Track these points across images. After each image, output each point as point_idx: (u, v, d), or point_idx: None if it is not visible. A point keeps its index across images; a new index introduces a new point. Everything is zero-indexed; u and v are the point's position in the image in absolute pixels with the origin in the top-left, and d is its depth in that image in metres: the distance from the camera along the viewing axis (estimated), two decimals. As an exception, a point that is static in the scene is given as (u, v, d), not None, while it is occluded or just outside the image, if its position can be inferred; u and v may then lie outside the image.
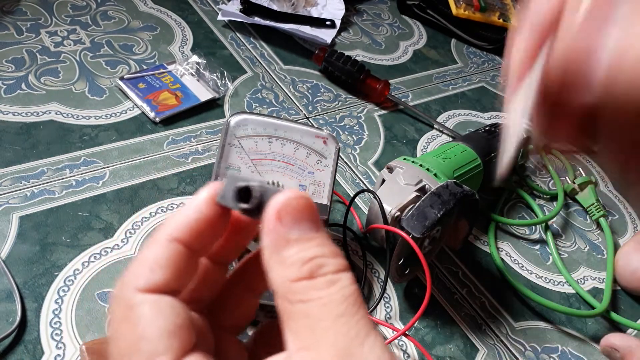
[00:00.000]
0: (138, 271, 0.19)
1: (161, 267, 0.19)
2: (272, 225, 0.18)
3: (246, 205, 0.19)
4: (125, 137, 0.62)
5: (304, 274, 0.17)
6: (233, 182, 0.20)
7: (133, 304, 0.18)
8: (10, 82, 0.64)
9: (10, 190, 0.53)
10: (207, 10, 0.86)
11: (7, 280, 0.46)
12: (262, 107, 0.72)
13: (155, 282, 0.19)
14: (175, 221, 0.20)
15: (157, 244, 0.19)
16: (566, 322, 0.58)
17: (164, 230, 0.20)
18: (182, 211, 0.20)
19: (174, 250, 0.19)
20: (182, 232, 0.19)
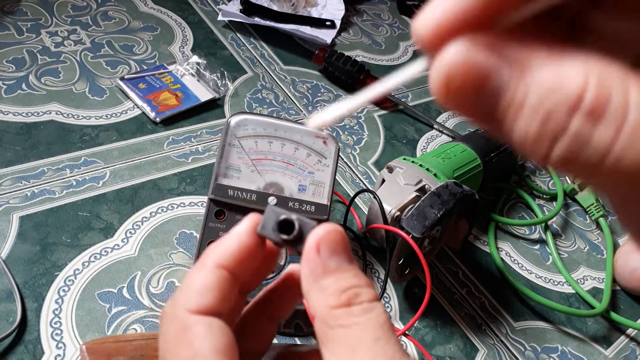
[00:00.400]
0: (189, 294, 0.21)
1: (210, 291, 0.21)
2: (312, 255, 0.20)
3: (287, 237, 0.21)
4: (126, 137, 0.62)
5: (343, 302, 0.19)
6: (274, 214, 0.22)
7: (188, 324, 0.20)
8: (11, 82, 0.64)
9: (10, 190, 0.53)
10: (208, 11, 0.86)
11: (8, 280, 0.46)
12: (262, 107, 0.72)
13: (205, 305, 0.20)
14: (221, 249, 0.22)
15: (205, 270, 0.21)
16: (566, 322, 0.58)
17: (211, 258, 0.21)
18: (225, 240, 0.22)
19: (220, 276, 0.21)
20: (227, 260, 0.21)
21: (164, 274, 0.51)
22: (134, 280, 0.49)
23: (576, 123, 0.12)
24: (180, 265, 0.52)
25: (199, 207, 0.57)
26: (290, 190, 0.49)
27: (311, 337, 0.49)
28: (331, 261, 0.20)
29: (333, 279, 0.20)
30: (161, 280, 0.50)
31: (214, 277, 0.21)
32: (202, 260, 0.22)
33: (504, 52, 0.13)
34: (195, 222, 0.56)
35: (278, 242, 0.22)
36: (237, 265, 0.21)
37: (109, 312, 0.47)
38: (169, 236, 0.54)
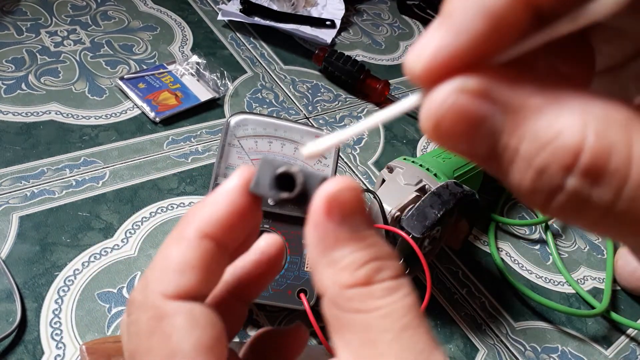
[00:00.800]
0: (165, 274, 0.16)
1: (192, 268, 0.16)
2: (320, 219, 0.15)
3: (288, 195, 0.17)
4: (125, 137, 0.62)
5: (360, 280, 0.15)
6: (269, 167, 0.17)
7: (164, 314, 0.16)
8: (10, 82, 0.64)
9: (10, 190, 0.53)
10: (207, 10, 0.86)
11: (7, 280, 0.46)
12: (262, 107, 0.72)
13: (185, 286, 0.16)
14: (205, 214, 0.17)
15: (185, 241, 0.17)
16: (566, 322, 0.58)
17: (192, 225, 0.17)
18: (210, 202, 0.17)
19: (204, 248, 0.17)
20: (213, 227, 0.17)
21: (163, 274, 0.51)
22: (134, 280, 0.49)
23: (572, 182, 0.11)
24: (180, 266, 0.52)
25: (198, 207, 0.57)
26: (290, 190, 0.49)
27: (311, 338, 0.49)
28: (345, 226, 0.15)
29: (347, 250, 0.15)
30: (161, 281, 0.50)
31: (197, 250, 0.17)
32: (181, 228, 0.17)
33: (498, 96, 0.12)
34: (195, 222, 0.55)
35: (276, 201, 0.17)
36: (226, 233, 0.17)
37: (109, 312, 0.47)
38: (169, 236, 0.54)
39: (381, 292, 0.15)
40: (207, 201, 0.17)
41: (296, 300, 0.47)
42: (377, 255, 0.15)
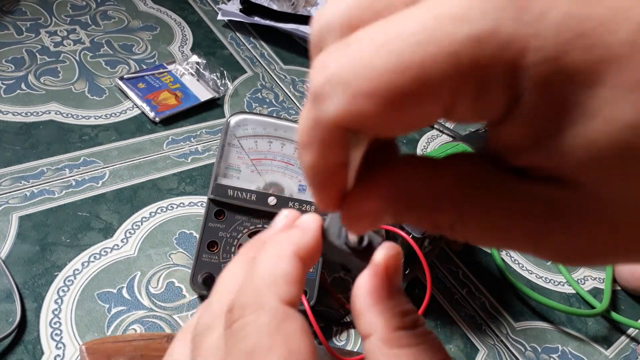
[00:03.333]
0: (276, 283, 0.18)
1: (296, 282, 0.19)
2: (381, 273, 0.19)
3: (358, 246, 0.21)
4: (125, 137, 0.62)
5: (407, 324, 0.19)
6: (339, 221, 0.21)
7: (286, 315, 0.18)
8: (10, 82, 0.64)
9: (10, 190, 0.53)
10: (207, 10, 0.86)
11: (7, 280, 0.46)
12: (262, 107, 0.72)
13: (293, 296, 0.18)
14: (297, 239, 0.20)
15: (288, 259, 0.19)
16: (566, 322, 0.58)
17: (289, 247, 0.20)
18: (299, 231, 0.20)
19: (300, 267, 0.19)
20: (304, 252, 0.20)
21: (163, 274, 0.51)
22: (134, 280, 0.49)
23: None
24: (179, 266, 0.52)
25: (198, 207, 0.57)
26: (290, 190, 0.49)
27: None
28: (395, 282, 0.20)
29: (397, 301, 0.19)
30: (161, 281, 0.50)
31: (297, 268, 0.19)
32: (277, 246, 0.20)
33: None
34: (194, 222, 0.55)
35: (339, 250, 0.21)
36: (309, 259, 0.20)
37: (109, 313, 0.47)
38: (169, 236, 0.54)
39: (422, 333, 0.19)
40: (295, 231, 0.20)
41: (296, 301, 0.47)
42: (413, 309, 0.20)
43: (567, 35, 0.11)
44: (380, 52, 0.12)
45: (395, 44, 0.12)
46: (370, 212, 0.17)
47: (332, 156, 0.15)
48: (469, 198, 0.15)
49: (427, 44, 0.12)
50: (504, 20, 0.12)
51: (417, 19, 0.12)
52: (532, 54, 0.12)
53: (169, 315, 0.48)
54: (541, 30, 0.11)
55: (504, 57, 0.12)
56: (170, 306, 0.48)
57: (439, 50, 0.12)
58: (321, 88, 0.13)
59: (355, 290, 0.20)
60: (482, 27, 0.12)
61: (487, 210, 0.15)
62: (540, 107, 0.12)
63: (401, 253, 0.20)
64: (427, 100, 0.13)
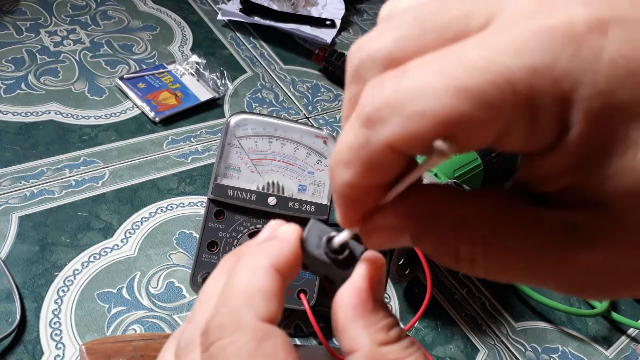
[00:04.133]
0: (253, 300, 0.18)
1: (274, 297, 0.18)
2: (364, 286, 0.19)
3: (339, 257, 0.20)
4: (125, 137, 0.62)
5: (392, 338, 0.18)
6: (318, 229, 0.20)
7: (264, 335, 0.17)
8: (10, 82, 0.64)
9: (9, 190, 0.53)
10: (207, 10, 0.86)
11: (7, 280, 0.46)
12: (262, 107, 0.72)
13: (271, 312, 0.18)
14: (273, 251, 0.19)
15: (264, 273, 0.18)
16: (567, 322, 0.58)
17: (265, 260, 0.19)
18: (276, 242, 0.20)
19: (279, 280, 0.19)
20: (282, 264, 0.19)
21: (163, 274, 0.51)
22: (134, 280, 0.49)
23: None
24: (179, 266, 0.51)
25: (198, 207, 0.57)
26: (290, 190, 0.49)
27: (311, 338, 0.49)
28: (377, 295, 0.19)
29: (381, 314, 0.19)
30: (161, 281, 0.50)
31: (275, 282, 0.18)
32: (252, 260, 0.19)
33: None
34: (194, 222, 0.55)
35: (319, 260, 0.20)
36: (288, 272, 0.19)
37: (109, 313, 0.47)
38: (169, 236, 0.54)
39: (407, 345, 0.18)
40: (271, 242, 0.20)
41: (296, 301, 0.47)
42: (396, 321, 0.19)
43: (618, 73, 0.12)
44: (438, 78, 0.13)
45: (454, 71, 0.13)
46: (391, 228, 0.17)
47: (372, 177, 0.16)
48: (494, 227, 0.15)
49: (486, 72, 0.13)
50: (561, 55, 0.12)
51: (475, 50, 0.13)
52: (585, 89, 0.12)
53: (168, 315, 0.48)
54: (595, 67, 0.12)
55: (559, 89, 0.13)
56: (170, 306, 0.48)
57: (497, 78, 0.13)
58: (377, 112, 0.14)
59: (337, 305, 0.19)
60: (541, 60, 0.13)
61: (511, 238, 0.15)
62: (589, 138, 0.13)
63: (384, 264, 0.20)
64: (482, 126, 0.13)
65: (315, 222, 0.20)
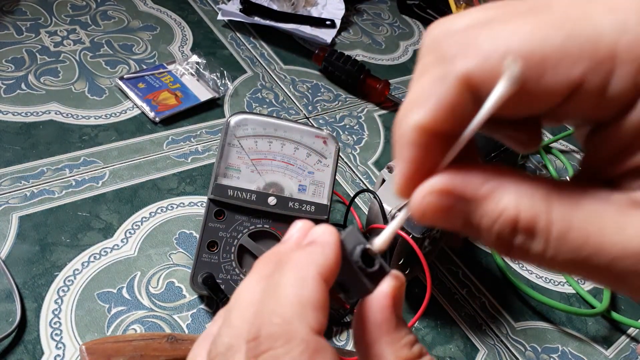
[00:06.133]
0: (305, 311, 0.18)
1: (323, 307, 0.18)
2: (389, 304, 0.19)
3: (370, 269, 0.20)
4: (125, 137, 0.62)
5: (415, 355, 0.19)
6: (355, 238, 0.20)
7: (318, 348, 0.17)
8: (10, 82, 0.64)
9: (10, 190, 0.53)
10: (207, 10, 0.86)
11: (7, 280, 0.46)
12: (262, 107, 0.72)
13: (322, 323, 0.18)
14: (318, 259, 0.19)
15: (314, 283, 0.18)
16: (566, 322, 0.58)
17: (312, 268, 0.19)
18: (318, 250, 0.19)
19: (326, 290, 0.19)
20: (327, 273, 0.19)
21: (163, 274, 0.51)
22: (134, 280, 0.49)
23: (518, 240, 0.16)
24: (180, 265, 0.52)
25: (198, 207, 0.57)
26: (290, 190, 0.49)
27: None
28: (399, 313, 0.20)
29: (404, 331, 0.19)
30: (161, 281, 0.50)
31: (323, 291, 0.18)
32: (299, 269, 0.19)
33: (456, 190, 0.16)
34: (195, 222, 0.55)
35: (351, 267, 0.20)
36: (332, 278, 0.19)
37: (109, 313, 0.47)
38: (169, 236, 0.54)
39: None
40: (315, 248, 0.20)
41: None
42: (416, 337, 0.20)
43: None
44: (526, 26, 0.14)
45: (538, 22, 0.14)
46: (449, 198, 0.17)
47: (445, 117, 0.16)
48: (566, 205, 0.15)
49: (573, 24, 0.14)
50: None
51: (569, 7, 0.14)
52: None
53: (169, 315, 0.48)
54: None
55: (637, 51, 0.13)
56: (170, 306, 0.48)
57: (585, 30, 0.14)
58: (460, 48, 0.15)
59: (362, 321, 0.19)
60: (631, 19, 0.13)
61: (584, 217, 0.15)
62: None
63: (405, 283, 0.20)
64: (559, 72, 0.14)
65: (353, 229, 0.20)
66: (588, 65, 0.14)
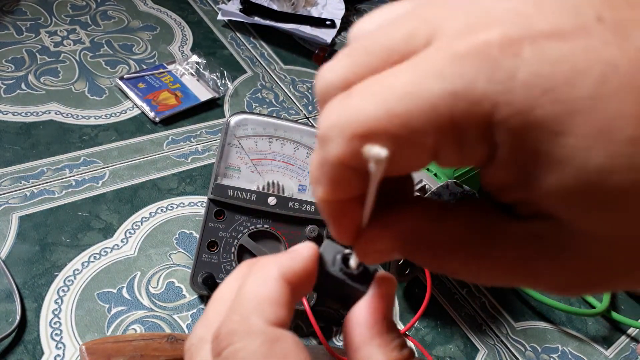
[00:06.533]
0: (263, 306, 0.18)
1: (284, 304, 0.19)
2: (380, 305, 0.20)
3: (353, 272, 0.20)
4: (125, 137, 0.62)
5: (405, 357, 0.19)
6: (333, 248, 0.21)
7: (275, 338, 0.18)
8: (10, 82, 0.64)
9: (10, 190, 0.53)
10: (207, 10, 0.86)
11: (7, 280, 0.46)
12: (262, 107, 0.72)
13: (281, 318, 0.18)
14: (284, 263, 0.20)
15: (274, 282, 0.19)
16: (566, 322, 0.58)
17: (275, 270, 0.19)
18: (287, 256, 0.20)
19: (288, 290, 0.19)
20: (291, 275, 0.20)
21: (163, 274, 0.51)
22: (134, 280, 0.49)
23: None
24: (179, 265, 0.52)
25: (198, 207, 0.57)
26: (290, 190, 0.49)
27: (311, 338, 0.49)
28: (390, 315, 0.20)
29: (395, 334, 0.19)
30: (161, 281, 0.50)
31: (284, 291, 0.19)
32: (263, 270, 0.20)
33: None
34: (194, 222, 0.55)
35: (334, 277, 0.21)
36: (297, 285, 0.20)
37: (109, 313, 0.47)
38: (169, 236, 0.54)
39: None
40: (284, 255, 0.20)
41: (296, 300, 0.47)
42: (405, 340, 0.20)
43: (534, 92, 0.13)
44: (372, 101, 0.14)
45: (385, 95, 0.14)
46: (381, 250, 0.18)
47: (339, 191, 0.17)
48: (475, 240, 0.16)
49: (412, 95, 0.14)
50: (478, 78, 0.13)
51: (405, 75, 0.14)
52: (504, 109, 0.13)
53: (169, 315, 0.48)
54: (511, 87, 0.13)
55: (478, 111, 0.13)
56: (170, 306, 0.48)
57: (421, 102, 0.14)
58: (326, 132, 0.15)
59: (352, 323, 0.20)
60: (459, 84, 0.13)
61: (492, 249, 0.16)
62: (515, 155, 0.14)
63: (396, 284, 0.20)
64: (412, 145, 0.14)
65: (329, 242, 0.21)
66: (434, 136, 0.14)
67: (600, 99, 0.12)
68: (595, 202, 0.13)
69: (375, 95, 0.14)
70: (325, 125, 0.16)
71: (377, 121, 0.14)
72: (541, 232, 0.15)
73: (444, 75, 0.13)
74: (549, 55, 0.13)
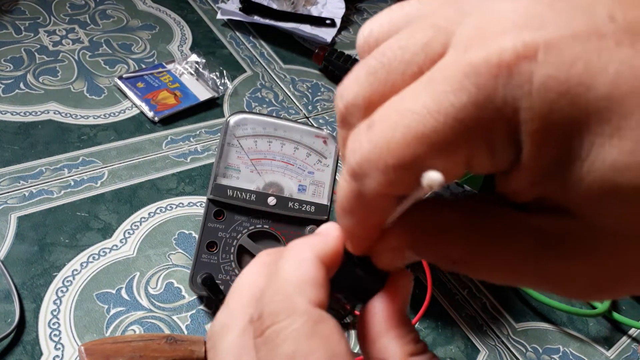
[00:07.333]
0: (304, 287, 0.18)
1: (322, 285, 0.19)
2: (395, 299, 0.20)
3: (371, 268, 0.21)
4: (124, 137, 0.62)
5: (419, 350, 0.20)
6: None
7: (319, 318, 0.18)
8: (9, 82, 0.64)
9: (8, 190, 0.53)
10: (207, 9, 0.86)
11: (6, 280, 0.46)
12: (261, 107, 0.72)
13: (321, 299, 0.18)
14: (317, 244, 0.20)
15: (311, 263, 0.19)
16: (567, 322, 0.58)
17: (310, 251, 0.20)
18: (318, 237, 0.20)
19: (324, 271, 0.19)
20: (325, 256, 0.20)
21: (162, 274, 0.50)
22: (133, 281, 0.49)
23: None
24: (179, 266, 0.51)
25: (198, 207, 0.57)
26: (290, 190, 0.49)
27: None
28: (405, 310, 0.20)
29: (410, 327, 0.20)
30: (160, 281, 0.50)
31: (321, 272, 0.19)
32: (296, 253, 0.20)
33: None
34: (194, 223, 0.55)
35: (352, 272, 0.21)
36: (331, 264, 0.20)
37: (108, 313, 0.46)
38: (168, 237, 0.53)
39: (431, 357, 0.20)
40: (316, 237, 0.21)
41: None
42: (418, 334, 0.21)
43: (550, 95, 0.13)
44: (397, 129, 0.15)
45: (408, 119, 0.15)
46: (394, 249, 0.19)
47: (373, 219, 0.18)
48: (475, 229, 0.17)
49: (436, 115, 0.14)
50: (497, 86, 0.13)
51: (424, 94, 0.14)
52: (524, 113, 0.13)
53: (168, 316, 0.48)
54: (529, 91, 0.13)
55: (502, 117, 0.14)
56: (170, 307, 0.48)
57: (446, 120, 0.14)
58: (359, 168, 0.16)
59: (368, 315, 0.20)
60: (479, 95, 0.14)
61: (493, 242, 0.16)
62: (539, 155, 0.14)
63: (412, 279, 0.21)
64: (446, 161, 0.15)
65: None
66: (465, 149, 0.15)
67: (615, 99, 0.13)
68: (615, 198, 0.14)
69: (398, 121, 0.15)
70: (356, 161, 0.16)
71: (408, 148, 0.15)
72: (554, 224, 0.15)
73: (463, 88, 0.14)
74: (563, 57, 0.13)
